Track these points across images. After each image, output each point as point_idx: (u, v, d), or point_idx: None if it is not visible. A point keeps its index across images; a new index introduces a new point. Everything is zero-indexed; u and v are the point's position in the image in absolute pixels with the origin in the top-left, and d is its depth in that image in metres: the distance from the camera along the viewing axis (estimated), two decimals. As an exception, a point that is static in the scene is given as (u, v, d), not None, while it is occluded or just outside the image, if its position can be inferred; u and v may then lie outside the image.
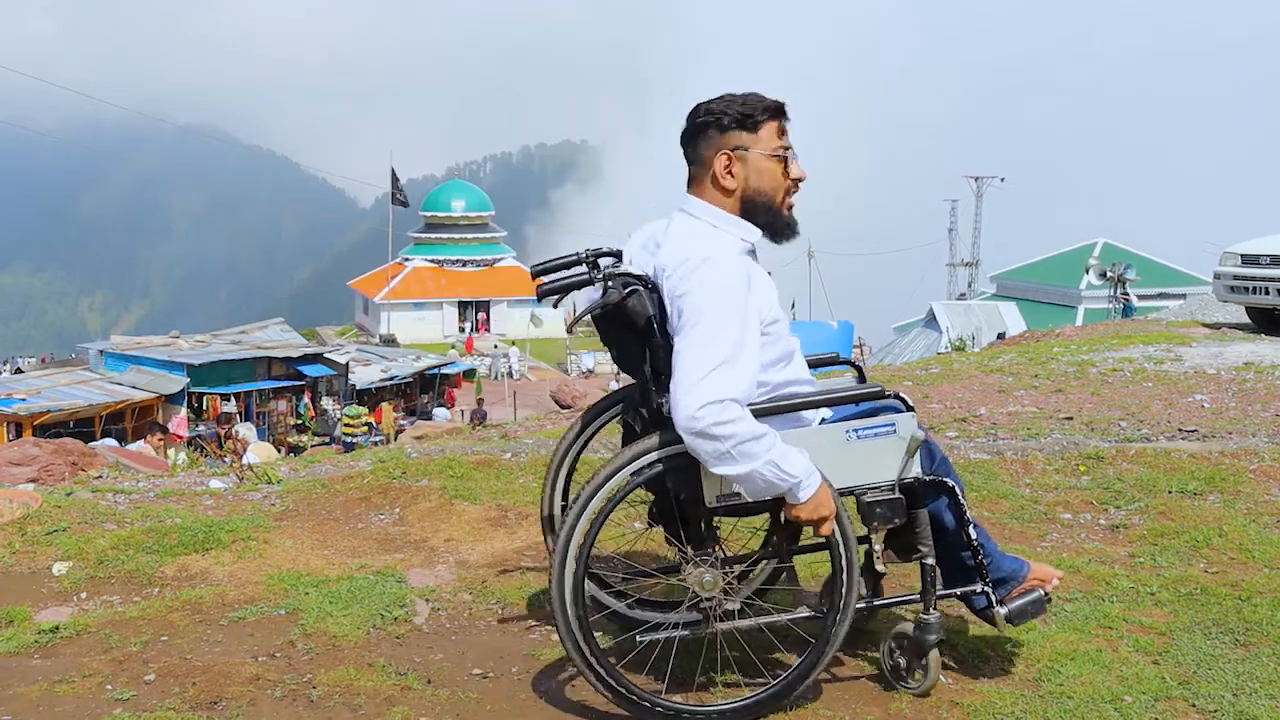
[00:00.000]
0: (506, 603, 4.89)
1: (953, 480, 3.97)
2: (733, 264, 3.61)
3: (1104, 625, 4.67)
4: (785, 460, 3.56)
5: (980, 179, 74.34)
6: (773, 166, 3.74)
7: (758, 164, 3.73)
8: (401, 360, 46.87)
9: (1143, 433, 7.82)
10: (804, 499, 3.61)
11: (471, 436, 9.01)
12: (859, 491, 3.79)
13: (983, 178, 74.45)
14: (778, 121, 3.76)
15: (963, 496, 3.98)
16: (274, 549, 5.47)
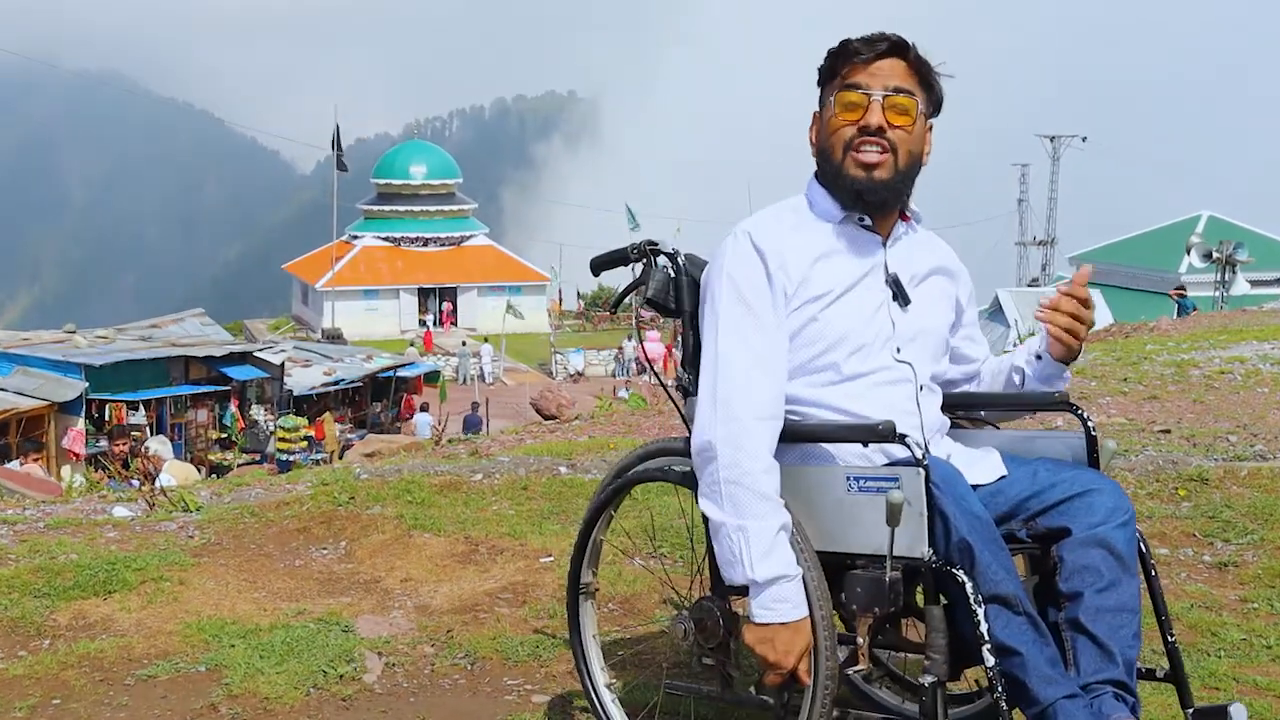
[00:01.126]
0: (476, 656, 4.89)
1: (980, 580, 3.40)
2: (727, 254, 3.69)
3: (1209, 685, 4.67)
4: (757, 544, 3.47)
5: (1057, 139, 74.46)
6: (835, 114, 3.69)
7: (827, 118, 3.72)
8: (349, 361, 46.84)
9: (1257, 449, 7.83)
10: (755, 619, 3.49)
11: (434, 454, 9.01)
12: (851, 559, 3.58)
13: (1059, 137, 74.55)
14: (852, 64, 3.68)
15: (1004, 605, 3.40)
16: (192, 591, 5.47)
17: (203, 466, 31.82)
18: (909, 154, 3.66)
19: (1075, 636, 3.52)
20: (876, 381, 3.67)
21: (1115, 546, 3.55)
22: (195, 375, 39.17)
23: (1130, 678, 3.49)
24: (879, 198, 3.67)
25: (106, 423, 34.17)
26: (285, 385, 41.40)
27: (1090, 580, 3.53)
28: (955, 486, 3.41)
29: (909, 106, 3.64)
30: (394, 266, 75.61)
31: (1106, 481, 3.65)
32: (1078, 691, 3.37)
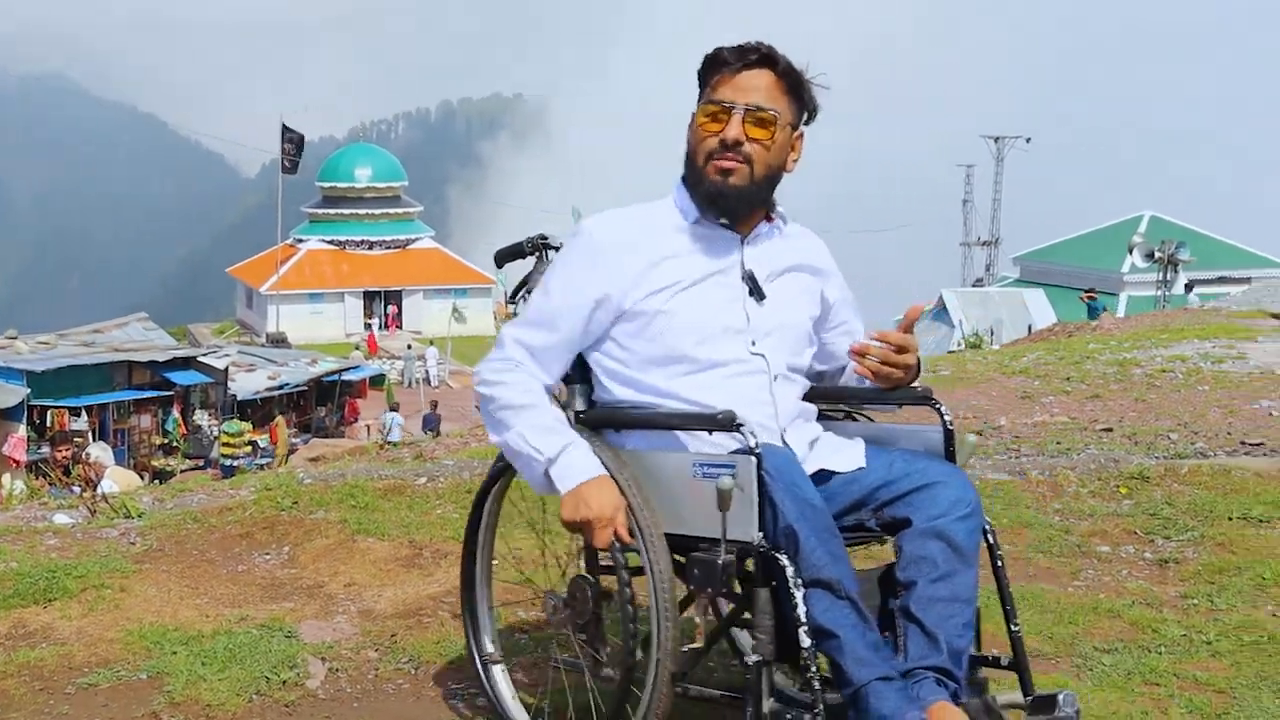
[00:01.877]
0: (420, 661, 4.88)
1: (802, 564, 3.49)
2: (585, 235, 3.91)
3: (1150, 681, 4.70)
4: (536, 433, 3.76)
5: (1001, 139, 74.80)
6: (698, 123, 3.85)
7: (694, 125, 3.87)
8: (294, 365, 46.68)
9: (1197, 447, 7.89)
10: (562, 490, 3.70)
11: (379, 458, 8.99)
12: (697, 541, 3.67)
13: (1004, 138, 74.92)
14: (719, 75, 3.84)
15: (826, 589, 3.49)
16: (134, 599, 5.43)
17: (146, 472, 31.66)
18: (766, 165, 3.81)
19: (906, 624, 3.61)
20: (730, 373, 3.81)
21: (954, 538, 3.63)
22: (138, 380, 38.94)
23: (956, 664, 3.55)
24: (732, 205, 3.82)
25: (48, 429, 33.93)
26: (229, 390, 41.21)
27: (925, 570, 3.62)
28: (788, 474, 3.52)
29: (769, 120, 3.77)
30: (339, 270, 75.36)
31: (954, 475, 3.74)
32: (893, 674, 3.44)
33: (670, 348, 3.80)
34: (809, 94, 3.88)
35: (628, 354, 3.86)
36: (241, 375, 43.22)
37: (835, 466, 3.82)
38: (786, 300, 3.91)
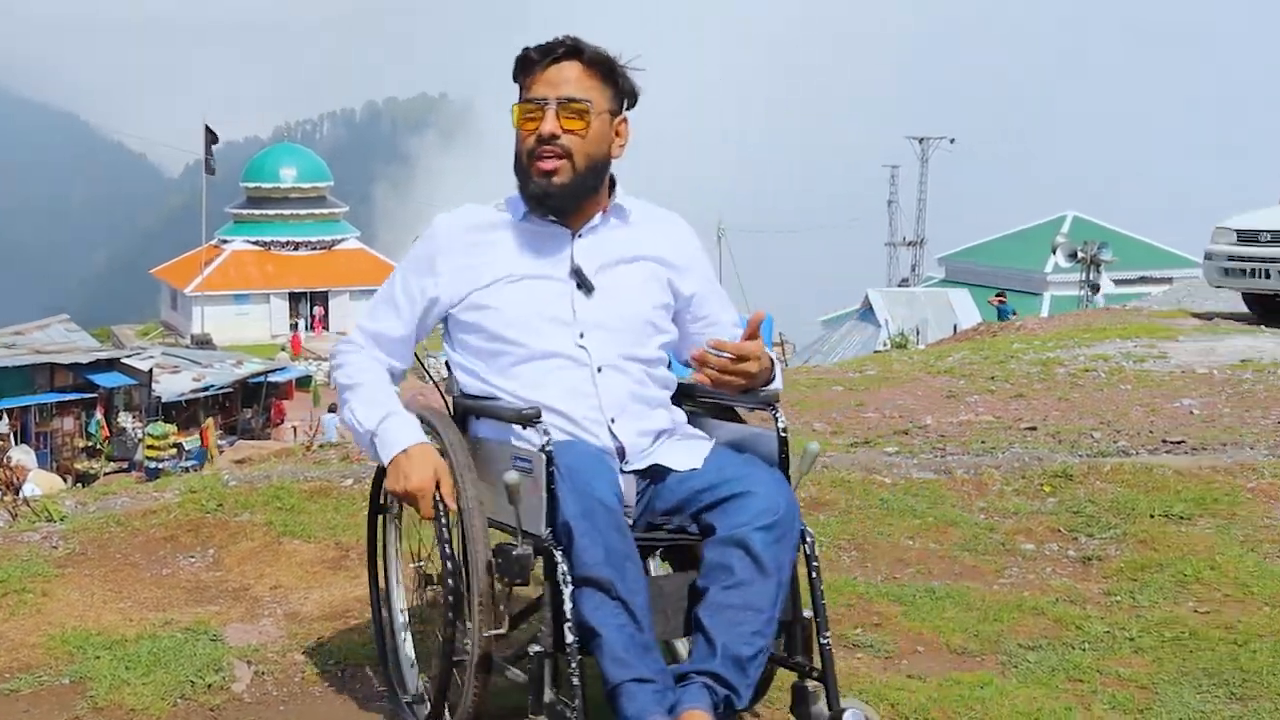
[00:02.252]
0: (347, 663, 4.86)
1: (574, 561, 3.56)
2: (429, 232, 4.10)
3: (1074, 678, 4.74)
4: (362, 406, 3.99)
5: (925, 140, 75.18)
6: (517, 124, 3.96)
7: (515, 128, 3.98)
8: (219, 366, 46.38)
9: (1120, 445, 7.96)
10: (384, 459, 3.91)
11: (305, 459, 8.94)
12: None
13: (928, 139, 75.30)
14: (530, 74, 3.96)
15: (595, 588, 3.55)
16: (56, 602, 5.38)
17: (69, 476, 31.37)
18: (586, 156, 3.90)
19: (696, 631, 3.66)
20: (555, 366, 3.91)
21: (752, 547, 3.65)
22: (61, 383, 38.61)
23: (733, 670, 3.58)
24: (559, 203, 3.94)
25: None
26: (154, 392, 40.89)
27: (721, 578, 3.66)
28: (580, 473, 3.62)
29: (582, 110, 3.87)
30: (264, 270, 74.87)
31: (770, 484, 3.77)
32: (650, 676, 3.49)
33: (497, 341, 3.93)
34: (624, 79, 3.98)
35: (465, 348, 4.02)
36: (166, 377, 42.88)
37: (670, 464, 3.89)
38: (621, 291, 3.98)
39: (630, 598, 3.53)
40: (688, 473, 3.86)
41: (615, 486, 3.72)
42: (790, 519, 3.72)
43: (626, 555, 3.58)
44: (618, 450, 3.90)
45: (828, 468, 7.22)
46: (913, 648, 5.07)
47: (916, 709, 4.42)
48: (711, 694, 3.54)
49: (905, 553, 6.17)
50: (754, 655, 3.61)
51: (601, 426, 3.88)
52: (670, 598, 3.77)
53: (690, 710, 3.48)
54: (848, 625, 5.24)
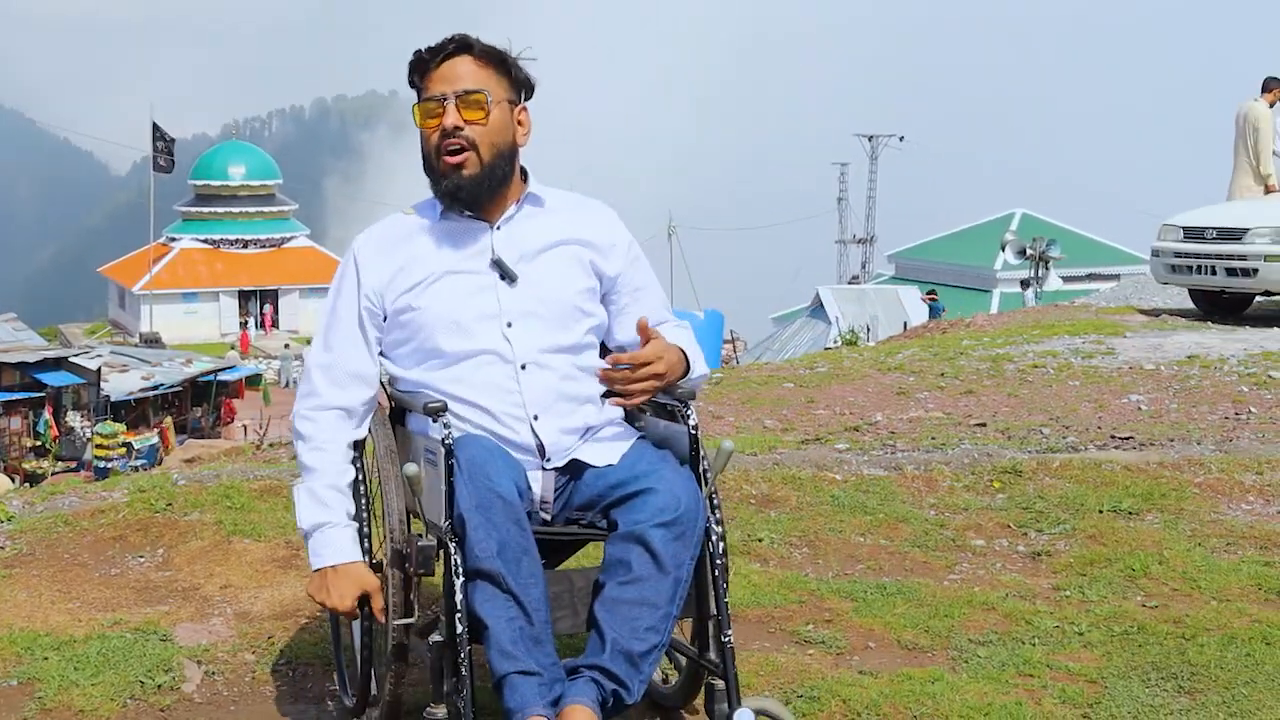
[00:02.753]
0: (299, 662, 4.84)
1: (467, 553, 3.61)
2: (348, 254, 4.10)
3: (1024, 673, 4.76)
4: (306, 501, 3.95)
5: (875, 138, 75.43)
6: (420, 123, 3.99)
7: (418, 121, 4.01)
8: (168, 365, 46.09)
9: (1068, 441, 8.00)
10: (312, 566, 3.92)
11: (255, 459, 8.90)
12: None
13: (878, 136, 75.55)
14: (428, 71, 4.00)
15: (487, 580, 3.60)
16: (2, 603, 5.35)
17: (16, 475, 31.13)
18: (491, 145, 3.94)
19: (592, 626, 3.71)
20: (480, 363, 3.93)
21: (651, 544, 3.69)
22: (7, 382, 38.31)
23: (622, 665, 3.62)
24: (472, 194, 3.96)
25: (-86, 433, 33.31)
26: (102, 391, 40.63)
27: (619, 573, 3.70)
28: (480, 465, 3.67)
29: (480, 101, 3.91)
30: (213, 269, 74.56)
31: (673, 481, 3.79)
32: (535, 670, 3.54)
33: (423, 343, 3.96)
34: (517, 69, 4.03)
35: (397, 354, 4.04)
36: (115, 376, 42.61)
37: (587, 459, 3.92)
38: (544, 278, 3.99)
39: (522, 591, 3.58)
40: (604, 468, 3.89)
41: (519, 481, 3.76)
42: (691, 516, 3.73)
43: (524, 550, 3.62)
44: (538, 447, 3.91)
45: (778, 465, 7.24)
46: (864, 643, 5.09)
47: (868, 705, 4.43)
48: (599, 689, 3.58)
49: (856, 549, 6.19)
50: (647, 651, 3.64)
51: (523, 424, 3.90)
52: (580, 593, 3.81)
53: (574, 704, 3.52)
54: (799, 621, 5.26)
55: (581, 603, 3.79)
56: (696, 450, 3.92)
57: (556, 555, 4.00)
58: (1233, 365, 10.80)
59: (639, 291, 4.15)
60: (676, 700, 4.28)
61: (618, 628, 3.62)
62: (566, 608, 3.78)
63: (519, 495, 3.70)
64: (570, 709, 3.50)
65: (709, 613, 3.86)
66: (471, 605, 3.57)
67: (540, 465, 3.90)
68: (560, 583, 3.79)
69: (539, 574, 3.64)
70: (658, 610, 3.65)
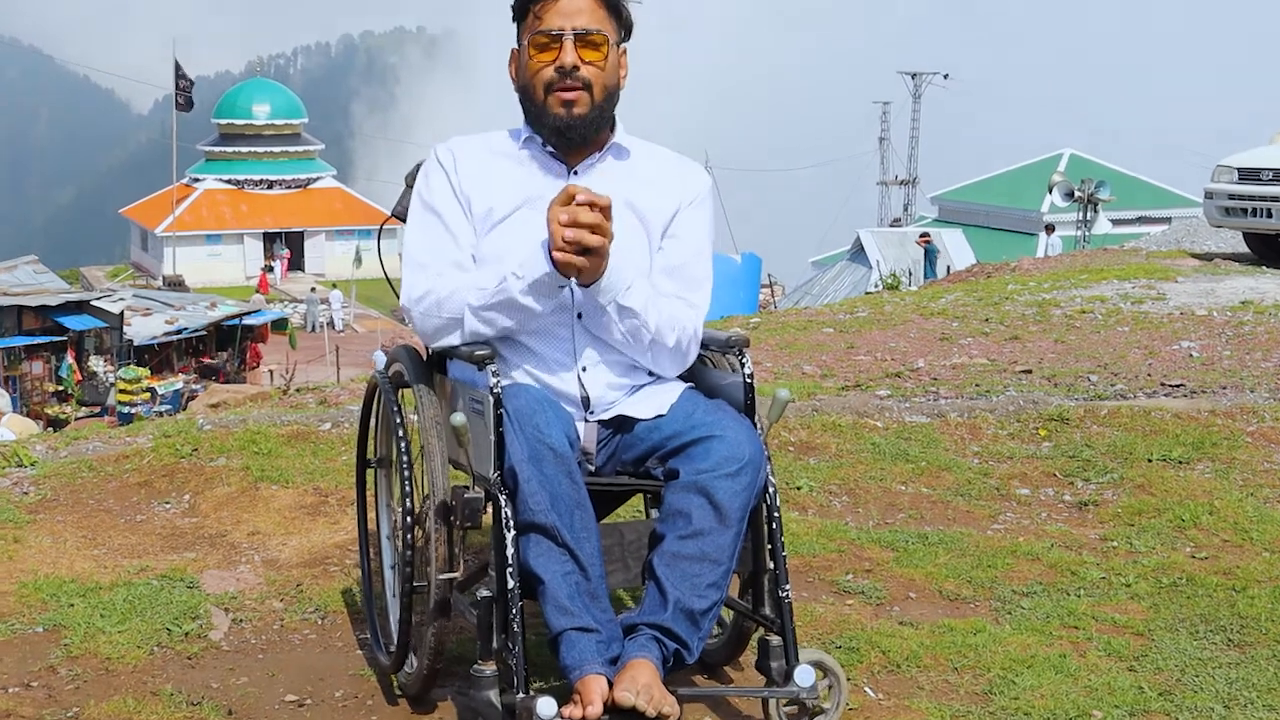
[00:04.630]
0: (327, 610, 4.88)
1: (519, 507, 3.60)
2: (432, 159, 4.07)
3: (1069, 624, 4.77)
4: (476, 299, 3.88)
5: (919, 76, 74.93)
6: (530, 56, 3.93)
7: (524, 60, 3.96)
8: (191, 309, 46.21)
9: (1117, 388, 7.99)
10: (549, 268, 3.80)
11: (281, 404, 8.94)
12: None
13: (921, 74, 75.05)
14: (540, 3, 3.91)
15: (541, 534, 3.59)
16: (27, 549, 5.39)
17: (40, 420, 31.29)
18: (604, 88, 3.91)
19: (648, 579, 3.68)
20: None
21: (714, 495, 3.65)
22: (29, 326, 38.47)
23: (683, 624, 3.59)
24: (580, 134, 3.92)
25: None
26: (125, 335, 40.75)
27: (679, 526, 3.66)
28: (531, 416, 3.64)
29: (599, 42, 3.88)
30: (237, 210, 74.65)
31: (737, 430, 3.76)
32: (593, 626, 3.52)
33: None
34: (625, 11, 3.99)
35: None
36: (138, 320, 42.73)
37: (634, 413, 3.89)
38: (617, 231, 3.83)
39: (577, 545, 3.56)
40: (654, 420, 3.86)
41: (568, 431, 3.72)
42: (755, 467, 3.70)
43: (576, 502, 3.60)
44: (583, 399, 3.90)
45: (818, 411, 7.24)
46: (904, 594, 5.10)
47: (908, 656, 4.46)
48: (661, 648, 3.56)
49: (897, 498, 6.20)
50: (707, 609, 3.62)
51: (570, 373, 3.89)
52: (631, 546, 3.79)
53: (636, 659, 3.50)
54: (838, 571, 5.28)
55: (633, 557, 3.78)
56: (752, 399, 3.90)
57: (603, 508, 3.97)
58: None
59: (673, 239, 4.05)
60: (721, 656, 4.29)
61: (679, 585, 3.59)
62: (618, 561, 3.76)
63: (570, 446, 3.67)
64: (635, 661, 3.48)
65: (764, 566, 3.85)
66: (524, 560, 3.55)
67: (584, 417, 3.89)
68: (610, 536, 3.77)
69: (593, 527, 3.63)
70: (719, 566, 3.62)
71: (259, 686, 4.29)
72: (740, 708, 4.05)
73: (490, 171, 3.96)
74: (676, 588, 3.59)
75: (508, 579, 3.55)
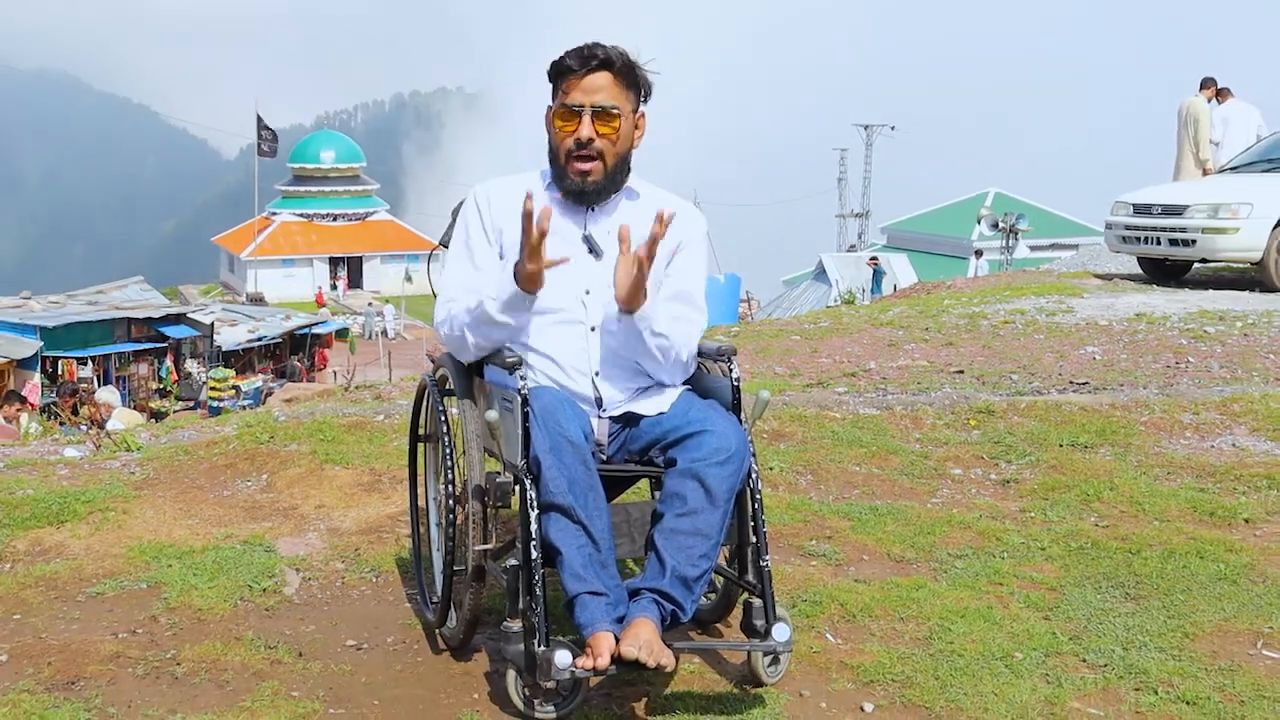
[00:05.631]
0: (380, 571, 4.87)
1: (541, 489, 3.59)
2: (470, 198, 4.06)
3: (994, 581, 4.76)
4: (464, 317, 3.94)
5: (870, 127, 74.95)
6: (554, 124, 3.93)
7: (552, 125, 3.94)
8: (269, 320, 46.28)
9: (1034, 386, 7.98)
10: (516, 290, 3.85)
11: (343, 399, 8.92)
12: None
13: (873, 126, 75.07)
14: (567, 80, 3.89)
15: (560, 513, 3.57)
16: (134, 520, 5.38)
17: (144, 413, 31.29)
18: (616, 155, 3.91)
19: (650, 551, 3.67)
20: (557, 320, 3.90)
21: (706, 480, 3.65)
22: (136, 334, 38.57)
23: (679, 589, 3.60)
24: (594, 196, 3.93)
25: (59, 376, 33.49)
26: (215, 341, 40.84)
27: (675, 505, 3.66)
28: (552, 413, 3.66)
29: (612, 117, 3.86)
30: (308, 239, 74.86)
31: (725, 425, 3.76)
32: (603, 590, 3.53)
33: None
34: (644, 79, 3.96)
35: None
36: (225, 329, 42.80)
37: (641, 410, 3.89)
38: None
39: (590, 522, 3.56)
40: (657, 416, 3.86)
41: (584, 426, 3.73)
42: (740, 457, 3.71)
43: (589, 486, 3.61)
44: (596, 399, 3.90)
45: (787, 405, 7.23)
46: (859, 556, 5.09)
47: (862, 608, 4.45)
48: (660, 608, 3.56)
49: (853, 476, 6.19)
50: (699, 575, 3.62)
51: (586, 377, 3.88)
52: (636, 522, 3.80)
53: (639, 619, 3.50)
54: (804, 538, 5.26)
55: (638, 531, 3.78)
56: (738, 399, 3.90)
57: (613, 491, 3.96)
58: (1174, 322, 10.73)
59: (679, 272, 4.03)
60: (713, 616, 4.28)
61: (675, 555, 3.59)
62: (625, 535, 3.77)
63: (584, 439, 3.68)
64: (638, 620, 3.48)
65: (748, 540, 3.84)
66: (545, 534, 3.56)
67: (598, 414, 3.88)
68: (619, 514, 3.78)
69: (604, 507, 3.63)
70: (709, 540, 3.62)
71: (324, 633, 4.28)
72: (728, 659, 4.05)
73: (519, 210, 3.89)
74: (673, 558, 3.59)
75: (531, 550, 3.55)
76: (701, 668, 4.00)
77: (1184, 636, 4.28)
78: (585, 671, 3.42)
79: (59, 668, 3.92)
